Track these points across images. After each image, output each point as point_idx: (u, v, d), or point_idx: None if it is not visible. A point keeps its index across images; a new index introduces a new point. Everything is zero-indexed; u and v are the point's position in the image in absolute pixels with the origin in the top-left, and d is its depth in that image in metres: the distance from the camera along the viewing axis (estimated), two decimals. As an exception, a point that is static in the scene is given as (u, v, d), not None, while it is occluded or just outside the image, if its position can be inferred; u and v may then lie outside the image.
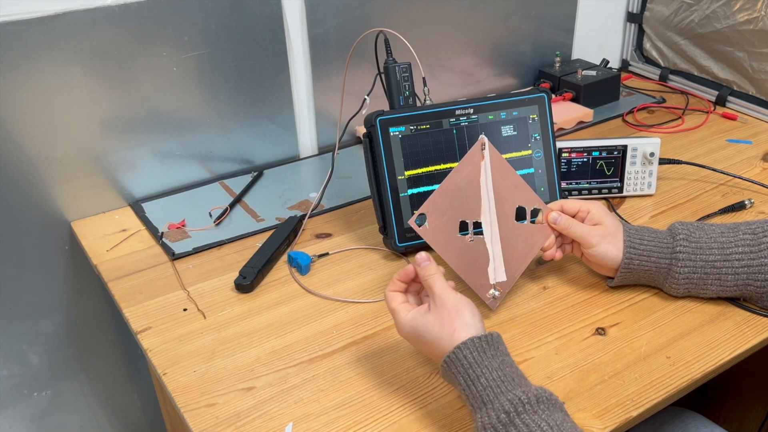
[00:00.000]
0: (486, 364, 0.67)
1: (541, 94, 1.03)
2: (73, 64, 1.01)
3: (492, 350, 0.68)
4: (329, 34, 1.23)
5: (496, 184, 0.86)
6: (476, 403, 0.66)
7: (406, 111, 0.98)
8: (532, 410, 0.63)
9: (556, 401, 0.65)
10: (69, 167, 1.07)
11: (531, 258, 0.89)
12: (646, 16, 1.58)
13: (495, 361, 0.67)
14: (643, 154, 1.10)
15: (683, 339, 0.83)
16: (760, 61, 1.36)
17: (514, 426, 0.62)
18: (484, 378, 0.66)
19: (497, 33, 1.44)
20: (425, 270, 0.75)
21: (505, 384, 0.66)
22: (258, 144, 1.24)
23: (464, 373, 0.67)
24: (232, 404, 0.76)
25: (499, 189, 0.86)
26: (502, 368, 0.67)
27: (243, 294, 0.94)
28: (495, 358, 0.68)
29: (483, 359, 0.67)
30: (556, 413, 0.64)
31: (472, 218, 0.86)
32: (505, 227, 0.87)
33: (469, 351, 0.68)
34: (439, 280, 0.74)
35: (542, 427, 0.61)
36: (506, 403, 0.63)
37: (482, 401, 0.65)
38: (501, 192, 0.86)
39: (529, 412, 0.63)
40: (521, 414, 0.63)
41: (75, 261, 1.13)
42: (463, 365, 0.68)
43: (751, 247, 0.84)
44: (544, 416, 0.63)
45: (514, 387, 0.65)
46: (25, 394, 1.19)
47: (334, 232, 1.07)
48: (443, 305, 0.72)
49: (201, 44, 1.11)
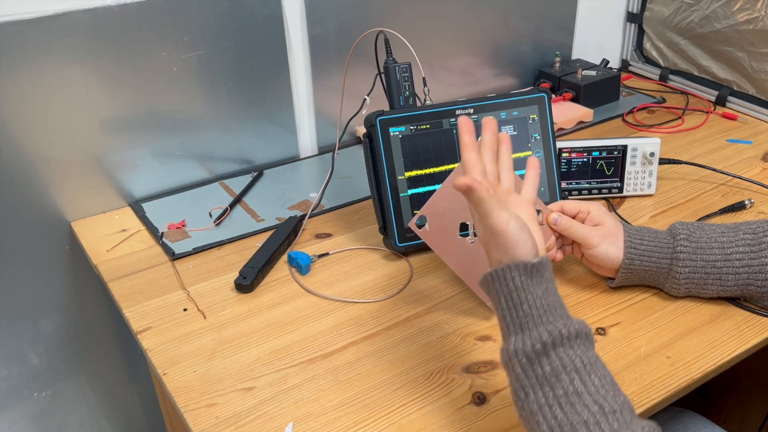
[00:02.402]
0: (531, 290, 0.65)
1: (541, 94, 1.03)
2: (73, 64, 1.01)
3: (538, 276, 0.66)
4: (329, 34, 1.23)
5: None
6: (513, 326, 0.65)
7: (406, 111, 0.98)
8: (569, 344, 0.62)
9: (592, 339, 0.65)
10: (69, 167, 1.07)
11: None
12: (646, 16, 1.58)
13: (540, 288, 0.66)
14: (643, 154, 1.10)
15: (683, 339, 0.83)
16: (760, 61, 1.36)
17: (547, 356, 0.61)
18: (527, 304, 0.65)
19: (497, 33, 1.44)
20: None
21: (547, 314, 0.64)
22: (258, 144, 1.24)
23: (508, 294, 0.66)
24: (232, 404, 0.76)
25: (499, 189, 0.86)
26: (545, 296, 0.66)
27: (243, 294, 0.94)
28: (540, 285, 0.66)
29: (529, 285, 0.66)
30: (590, 350, 0.63)
31: (472, 220, 0.86)
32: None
33: (518, 272, 0.66)
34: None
35: (575, 363, 0.61)
36: (545, 333, 0.62)
37: (520, 327, 0.64)
38: (501, 192, 0.86)
39: (565, 345, 0.62)
40: (557, 347, 0.62)
41: (75, 261, 1.13)
42: (509, 286, 0.66)
43: (752, 247, 0.84)
44: (579, 351, 0.62)
45: (555, 318, 0.64)
46: (25, 394, 1.19)
47: (334, 232, 1.07)
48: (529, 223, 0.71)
49: (201, 44, 1.11)
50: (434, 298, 0.92)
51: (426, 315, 0.89)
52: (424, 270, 0.98)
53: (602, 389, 0.60)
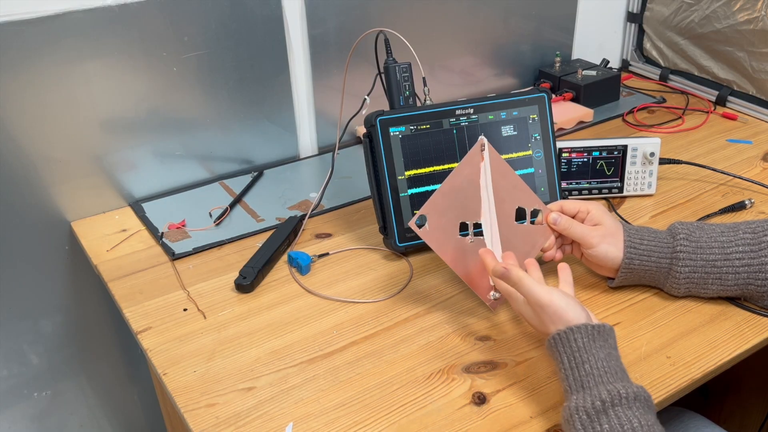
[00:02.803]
0: (593, 352, 0.69)
1: (541, 94, 1.03)
2: (73, 64, 1.01)
3: (601, 340, 0.70)
4: (329, 34, 1.23)
5: (495, 185, 0.86)
6: (575, 385, 0.68)
7: (406, 111, 0.98)
8: (628, 405, 0.64)
9: (652, 404, 0.67)
10: (69, 167, 1.07)
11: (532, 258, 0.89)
12: (646, 16, 1.58)
13: (602, 352, 0.69)
14: (643, 154, 1.10)
15: (683, 339, 0.83)
16: (760, 61, 1.36)
17: (606, 415, 0.63)
18: (589, 365, 0.68)
19: (497, 33, 1.44)
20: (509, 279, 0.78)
21: (608, 375, 0.67)
22: (258, 144, 1.24)
23: (570, 355, 0.69)
24: (232, 404, 0.76)
25: (499, 190, 0.86)
26: (608, 360, 0.69)
27: (243, 294, 0.94)
28: (602, 349, 0.69)
29: (592, 346, 0.69)
30: (649, 414, 0.65)
31: (472, 219, 0.86)
32: (505, 228, 0.87)
33: (581, 335, 0.69)
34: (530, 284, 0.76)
35: (633, 424, 0.62)
36: (604, 392, 0.65)
37: (581, 385, 0.67)
38: (501, 193, 0.86)
39: (624, 406, 0.64)
40: (616, 406, 0.64)
41: (75, 261, 1.13)
42: (572, 347, 0.69)
43: (752, 246, 0.84)
44: (638, 414, 0.64)
45: (615, 380, 0.67)
46: (25, 394, 1.19)
47: (334, 232, 1.07)
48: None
49: (201, 44, 1.11)
50: (434, 298, 0.92)
51: (426, 315, 0.89)
52: (424, 270, 0.98)
53: None
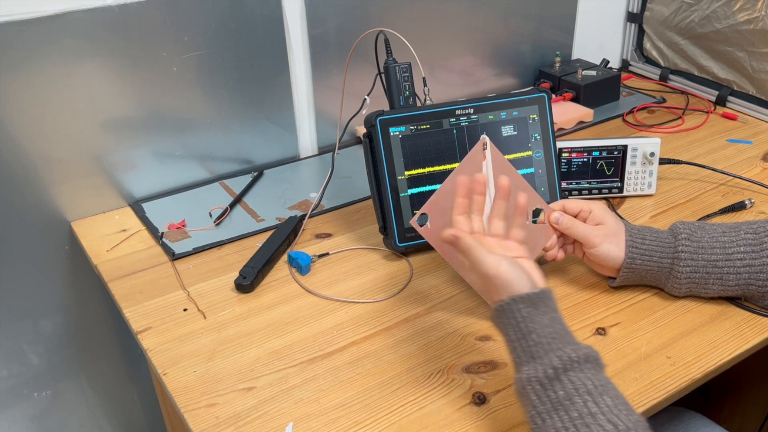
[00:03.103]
0: (538, 319, 0.68)
1: (541, 94, 1.03)
2: (73, 64, 1.01)
3: (543, 306, 0.69)
4: (329, 34, 1.23)
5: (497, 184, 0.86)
6: (524, 356, 0.67)
7: (406, 111, 0.98)
8: (579, 368, 0.64)
9: (602, 363, 0.66)
10: (69, 167, 1.07)
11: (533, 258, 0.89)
12: (646, 16, 1.58)
13: (546, 317, 0.68)
14: (643, 154, 1.10)
15: (683, 339, 0.83)
16: (760, 61, 1.36)
17: (559, 381, 0.63)
18: (536, 334, 0.67)
19: (497, 33, 1.44)
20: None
21: (555, 341, 0.66)
22: (258, 144, 1.24)
23: (516, 326, 0.68)
24: (232, 404, 0.76)
25: (500, 189, 0.86)
26: (552, 325, 0.68)
27: (243, 294, 0.94)
28: (546, 315, 0.68)
29: (535, 314, 0.68)
30: (600, 374, 0.65)
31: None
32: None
33: (524, 304, 0.68)
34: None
35: (587, 385, 0.62)
36: (555, 359, 0.64)
37: (531, 356, 0.66)
38: (502, 192, 0.86)
39: (576, 369, 0.64)
40: (568, 371, 0.63)
41: (75, 261, 1.13)
42: (516, 318, 0.68)
43: (753, 247, 0.84)
44: (590, 375, 0.63)
45: (564, 344, 0.66)
46: (25, 394, 1.19)
47: (334, 232, 1.07)
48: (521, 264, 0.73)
49: (201, 44, 1.10)
50: (434, 298, 0.92)
51: (426, 315, 0.89)
52: (424, 270, 0.98)
53: (615, 409, 0.61)
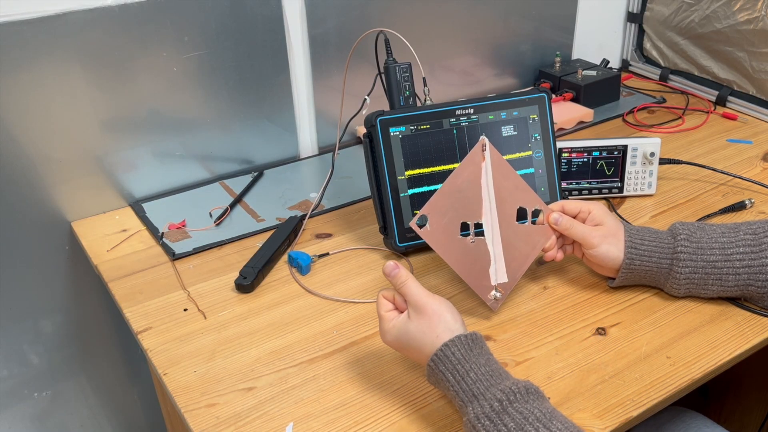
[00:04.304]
0: (473, 360, 0.69)
1: (541, 94, 1.03)
2: (73, 65, 1.01)
3: (477, 348, 0.70)
4: (329, 34, 1.23)
5: (497, 185, 0.86)
6: (467, 397, 0.67)
7: (406, 111, 0.98)
8: (524, 399, 0.65)
9: (543, 394, 0.68)
10: (69, 167, 1.07)
11: (532, 259, 0.89)
12: (646, 16, 1.58)
13: (481, 358, 0.69)
14: (643, 154, 1.10)
15: (683, 339, 0.83)
16: (760, 61, 1.36)
17: (507, 414, 0.64)
18: (474, 372, 0.68)
19: (497, 33, 1.44)
20: (396, 279, 0.74)
21: (494, 378, 0.68)
22: (258, 144, 1.24)
23: (453, 369, 0.69)
24: (232, 404, 0.76)
25: (500, 190, 0.86)
26: (488, 364, 0.69)
27: (243, 294, 0.94)
28: (481, 356, 0.70)
29: (470, 356, 0.69)
30: (545, 403, 0.66)
31: (474, 219, 0.86)
32: (506, 228, 0.87)
33: (457, 348, 0.70)
34: (413, 287, 0.73)
35: (535, 414, 0.63)
36: (498, 393, 0.65)
37: (473, 394, 0.67)
38: (502, 193, 0.86)
39: (520, 401, 0.65)
40: (513, 403, 0.64)
41: (75, 261, 1.13)
42: (451, 361, 0.69)
43: (752, 247, 0.84)
44: (536, 404, 0.65)
45: (502, 380, 0.67)
46: (25, 394, 1.19)
47: (335, 232, 1.07)
48: (423, 312, 0.72)
49: (201, 44, 1.10)
50: (434, 298, 0.92)
51: (426, 315, 0.89)
52: (424, 270, 0.98)
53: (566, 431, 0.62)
